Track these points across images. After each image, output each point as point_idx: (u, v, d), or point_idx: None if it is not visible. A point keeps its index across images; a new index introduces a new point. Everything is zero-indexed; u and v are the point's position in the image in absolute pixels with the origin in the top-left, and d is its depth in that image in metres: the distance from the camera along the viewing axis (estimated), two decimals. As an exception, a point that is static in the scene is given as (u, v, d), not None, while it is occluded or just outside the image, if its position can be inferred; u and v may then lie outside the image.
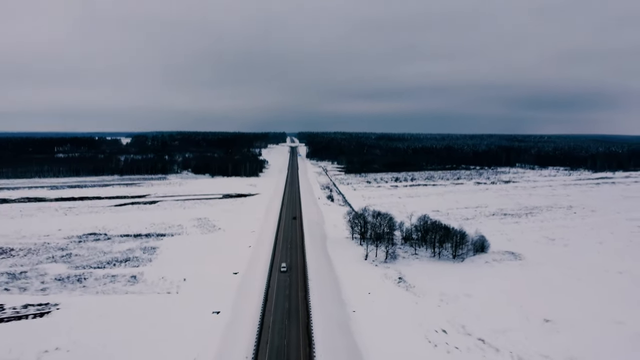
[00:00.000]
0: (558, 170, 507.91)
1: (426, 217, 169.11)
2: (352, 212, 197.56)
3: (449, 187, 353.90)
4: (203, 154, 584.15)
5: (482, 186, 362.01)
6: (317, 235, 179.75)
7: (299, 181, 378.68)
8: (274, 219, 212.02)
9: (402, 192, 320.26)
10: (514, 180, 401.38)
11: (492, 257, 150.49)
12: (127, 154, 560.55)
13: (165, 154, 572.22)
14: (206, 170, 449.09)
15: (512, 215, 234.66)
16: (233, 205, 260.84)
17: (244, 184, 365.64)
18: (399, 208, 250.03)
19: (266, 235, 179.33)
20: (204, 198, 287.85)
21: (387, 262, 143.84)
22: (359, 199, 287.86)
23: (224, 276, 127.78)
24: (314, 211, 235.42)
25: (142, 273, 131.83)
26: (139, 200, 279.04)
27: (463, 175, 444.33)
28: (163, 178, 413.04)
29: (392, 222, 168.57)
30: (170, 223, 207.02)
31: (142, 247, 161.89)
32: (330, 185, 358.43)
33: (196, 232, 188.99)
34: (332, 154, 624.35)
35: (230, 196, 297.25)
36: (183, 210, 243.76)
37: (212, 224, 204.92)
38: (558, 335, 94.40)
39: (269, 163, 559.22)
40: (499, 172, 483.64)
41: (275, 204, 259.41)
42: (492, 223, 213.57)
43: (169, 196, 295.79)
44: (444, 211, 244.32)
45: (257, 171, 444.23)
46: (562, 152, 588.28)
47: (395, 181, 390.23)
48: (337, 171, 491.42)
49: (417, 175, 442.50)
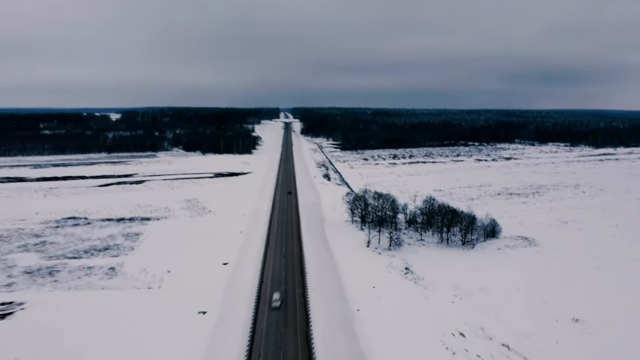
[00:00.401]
0: (559, 147, 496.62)
1: (432, 199, 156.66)
2: (351, 194, 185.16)
3: (449, 165, 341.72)
4: (194, 130, 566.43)
5: (483, 163, 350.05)
6: (315, 219, 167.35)
7: (293, 159, 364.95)
8: (267, 200, 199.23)
9: (401, 170, 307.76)
10: (515, 157, 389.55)
11: (504, 243, 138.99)
12: (116, 131, 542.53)
13: (156, 130, 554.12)
14: (197, 147, 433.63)
15: (519, 194, 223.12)
16: (224, 185, 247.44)
17: (236, 162, 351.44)
18: (399, 188, 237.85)
19: (259, 219, 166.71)
20: (194, 177, 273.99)
21: (392, 249, 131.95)
22: (356, 177, 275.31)
23: (213, 268, 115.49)
24: (310, 191, 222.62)
25: (121, 264, 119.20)
26: (125, 180, 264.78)
27: (462, 152, 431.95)
28: (152, 156, 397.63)
29: (395, 205, 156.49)
30: (157, 205, 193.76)
31: (125, 233, 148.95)
32: (326, 163, 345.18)
33: (184, 216, 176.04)
34: (328, 130, 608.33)
35: (222, 175, 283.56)
36: (171, 190, 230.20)
37: (201, 206, 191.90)
38: (590, 337, 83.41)
39: (263, 140, 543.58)
40: (499, 149, 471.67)
41: (269, 183, 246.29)
42: (498, 204, 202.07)
43: (157, 175, 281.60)
44: (447, 191, 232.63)
45: (250, 148, 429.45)
46: (562, 127, 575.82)
47: (393, 158, 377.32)
48: (332, 148, 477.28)
49: (415, 152, 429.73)
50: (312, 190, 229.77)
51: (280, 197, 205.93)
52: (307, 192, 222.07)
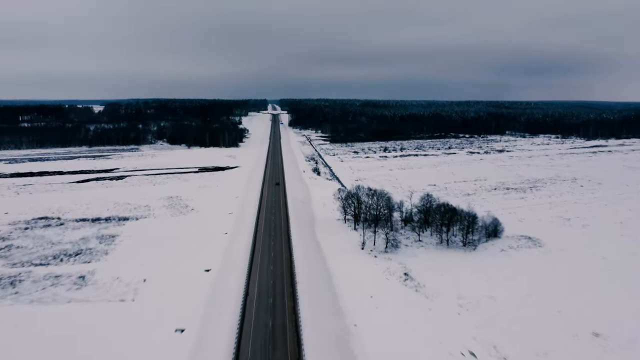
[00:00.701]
0: (550, 138, 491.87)
1: (429, 196, 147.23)
2: (343, 190, 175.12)
3: (441, 158, 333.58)
4: (180, 123, 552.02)
5: (475, 156, 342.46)
6: (305, 218, 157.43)
7: (281, 152, 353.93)
8: (254, 197, 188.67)
9: (393, 164, 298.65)
10: (507, 150, 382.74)
11: (507, 244, 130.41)
12: (98, 123, 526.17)
13: (139, 122, 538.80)
14: (182, 140, 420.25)
15: (516, 189, 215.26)
16: (209, 180, 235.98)
17: (222, 155, 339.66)
18: (392, 182, 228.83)
19: (246, 218, 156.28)
20: (178, 172, 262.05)
21: (388, 251, 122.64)
22: (347, 171, 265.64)
23: (194, 275, 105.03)
24: (299, 187, 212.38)
25: (93, 272, 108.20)
26: (105, 175, 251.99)
27: (454, 144, 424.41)
28: (135, 149, 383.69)
29: (391, 203, 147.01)
30: (137, 203, 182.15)
31: (99, 236, 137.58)
32: (316, 157, 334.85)
33: (165, 215, 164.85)
34: (316, 122, 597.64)
35: (207, 170, 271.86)
36: (153, 187, 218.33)
37: (184, 204, 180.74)
38: (614, 355, 74.88)
39: (250, 132, 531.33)
40: (490, 141, 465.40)
41: (256, 178, 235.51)
42: (496, 199, 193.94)
43: (139, 170, 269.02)
44: (441, 185, 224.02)
45: (236, 141, 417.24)
46: (552, 119, 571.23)
47: (384, 151, 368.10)
48: (321, 140, 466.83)
49: (406, 145, 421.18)
50: (301, 185, 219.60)
51: (268, 194, 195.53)
52: (296, 187, 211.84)
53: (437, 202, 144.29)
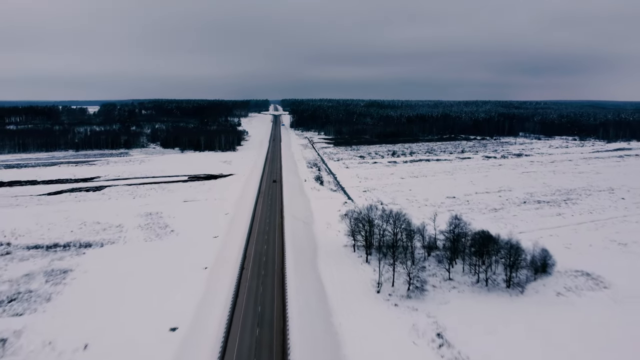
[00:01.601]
0: (567, 141, 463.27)
1: (457, 219, 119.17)
2: (350, 206, 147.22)
3: (455, 163, 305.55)
4: (176, 125, 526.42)
5: (492, 161, 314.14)
6: (304, 245, 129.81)
7: (281, 157, 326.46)
8: (246, 215, 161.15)
9: (404, 170, 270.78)
10: (525, 153, 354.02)
11: (562, 283, 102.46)
12: (90, 125, 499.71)
13: (133, 124, 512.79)
14: (176, 143, 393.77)
15: (548, 202, 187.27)
16: (198, 191, 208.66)
17: (217, 161, 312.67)
18: (405, 194, 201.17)
19: (232, 245, 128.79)
20: (165, 182, 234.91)
21: (412, 296, 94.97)
22: (353, 180, 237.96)
23: (155, 337, 77.72)
24: (299, 201, 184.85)
25: (20, 332, 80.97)
26: (82, 185, 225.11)
27: (466, 148, 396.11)
28: (124, 154, 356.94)
29: (410, 227, 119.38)
30: (109, 222, 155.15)
31: (49, 271, 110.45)
32: (318, 162, 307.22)
33: (138, 239, 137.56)
34: (319, 123, 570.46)
35: (198, 178, 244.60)
36: (132, 200, 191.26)
37: (163, 223, 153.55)
38: None
39: (249, 134, 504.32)
40: (504, 143, 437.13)
41: (250, 189, 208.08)
42: (529, 216, 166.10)
43: (122, 179, 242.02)
44: (462, 198, 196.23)
45: (234, 144, 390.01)
46: (568, 119, 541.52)
47: (392, 155, 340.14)
48: (324, 143, 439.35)
49: (415, 148, 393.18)
50: (301, 198, 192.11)
51: (263, 210, 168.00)
52: (296, 201, 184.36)
53: (467, 226, 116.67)
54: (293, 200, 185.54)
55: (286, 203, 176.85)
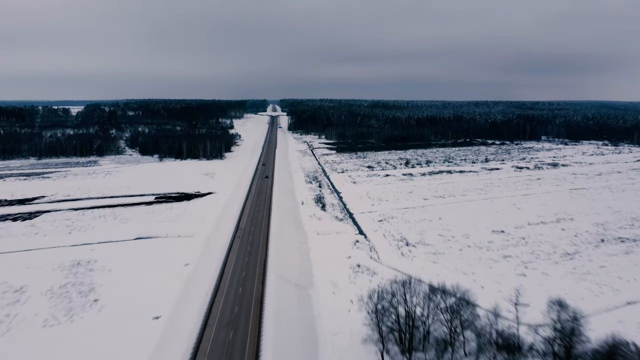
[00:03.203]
0: (598, 146, 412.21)
1: (576, 320, 67.52)
2: (375, 294, 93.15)
3: (483, 176, 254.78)
4: (161, 127, 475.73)
5: (526, 173, 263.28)
6: (297, 340, 78.76)
7: (274, 168, 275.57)
8: (213, 269, 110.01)
9: (424, 187, 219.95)
10: (562, 163, 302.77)
11: None
12: (64, 128, 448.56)
13: (113, 127, 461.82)
14: (156, 150, 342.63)
15: (635, 240, 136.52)
16: (160, 221, 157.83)
17: (198, 172, 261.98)
18: (435, 227, 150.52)
19: (178, 340, 77.82)
20: (124, 203, 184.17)
21: None
22: (364, 203, 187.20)
23: None
24: (292, 243, 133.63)
25: None
26: (13, 211, 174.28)
27: (488, 155, 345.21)
28: (92, 163, 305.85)
29: (478, 329, 68.64)
30: (8, 281, 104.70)
31: None
32: (319, 175, 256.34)
33: (35, 321, 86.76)
34: (319, 126, 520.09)
35: (167, 199, 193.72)
36: (66, 236, 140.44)
37: (89, 286, 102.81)
38: None
39: (242, 138, 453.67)
40: (529, 149, 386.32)
41: (229, 219, 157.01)
42: (620, 265, 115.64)
43: (71, 200, 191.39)
44: (513, 232, 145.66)
45: (221, 151, 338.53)
46: (595, 122, 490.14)
47: (405, 165, 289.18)
48: (326, 149, 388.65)
49: (429, 155, 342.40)
50: (296, 234, 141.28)
51: (237, 264, 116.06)
52: (289, 241, 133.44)
53: (581, 323, 65.77)
54: (284, 238, 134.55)
55: (273, 248, 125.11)
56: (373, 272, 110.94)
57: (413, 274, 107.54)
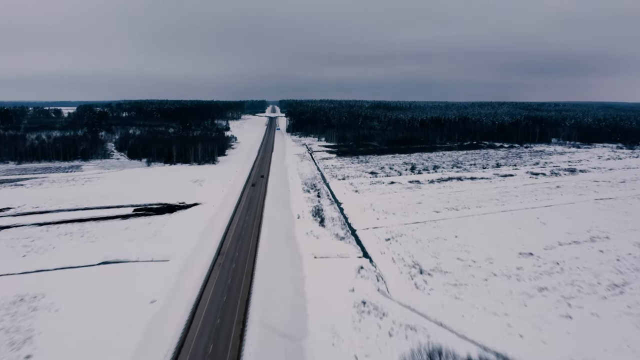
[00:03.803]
0: (613, 149, 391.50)
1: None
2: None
3: (496, 183, 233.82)
4: (154, 129, 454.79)
5: (543, 180, 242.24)
6: None
7: (269, 174, 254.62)
8: (182, 310, 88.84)
9: (434, 197, 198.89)
10: (580, 169, 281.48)
11: None
12: (51, 130, 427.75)
13: (103, 129, 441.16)
14: (144, 153, 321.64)
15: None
16: (133, 239, 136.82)
17: (186, 179, 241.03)
18: (452, 248, 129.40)
19: None
20: (96, 217, 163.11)
21: None
22: (368, 216, 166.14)
23: None
24: (284, 271, 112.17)
25: None
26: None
27: (499, 159, 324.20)
28: (75, 168, 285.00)
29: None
30: None
31: None
32: (318, 182, 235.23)
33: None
34: (319, 128, 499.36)
35: (147, 211, 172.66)
36: (20, 259, 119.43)
37: (25, 332, 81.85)
38: None
39: (238, 140, 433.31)
40: (540, 153, 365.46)
41: (212, 238, 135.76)
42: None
43: (38, 213, 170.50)
44: (542, 254, 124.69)
45: (214, 155, 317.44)
46: (608, 124, 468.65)
47: (411, 171, 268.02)
48: (326, 152, 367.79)
49: (436, 159, 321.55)
50: (290, 258, 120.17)
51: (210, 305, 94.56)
52: (280, 268, 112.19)
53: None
54: (274, 264, 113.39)
55: (260, 279, 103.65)
56: (382, 312, 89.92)
57: (431, 315, 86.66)
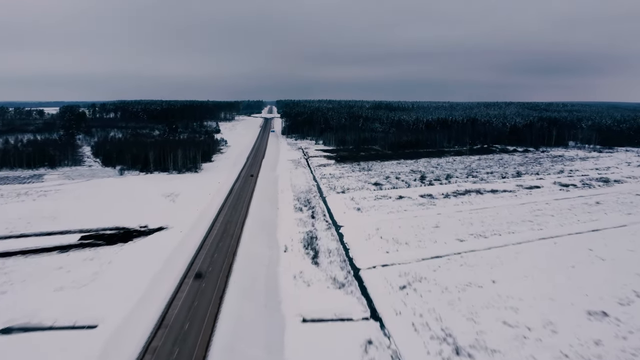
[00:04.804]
0: (638, 154, 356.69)
1: None
2: None
3: (523, 197, 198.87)
4: (138, 132, 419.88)
5: (575, 193, 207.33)
6: None
7: (255, 187, 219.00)
8: None
9: (454, 218, 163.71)
10: (614, 179, 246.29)
11: None
12: (24, 133, 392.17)
13: (81, 132, 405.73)
14: (119, 160, 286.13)
15: None
16: (61, 288, 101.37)
17: (158, 193, 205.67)
18: (492, 303, 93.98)
19: None
20: (25, 250, 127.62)
21: None
22: (375, 249, 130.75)
23: None
24: (256, 350, 76.82)
25: None
26: None
27: (517, 166, 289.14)
28: (36, 178, 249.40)
29: None
30: None
31: None
32: (313, 197, 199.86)
33: None
34: (317, 130, 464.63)
35: (97, 240, 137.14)
36: None
37: None
38: None
39: (228, 144, 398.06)
40: (560, 158, 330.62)
41: (164, 289, 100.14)
42: None
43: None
44: (619, 314, 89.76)
45: (197, 162, 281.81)
46: (628, 125, 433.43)
47: (421, 182, 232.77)
48: (323, 157, 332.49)
49: (446, 166, 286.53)
50: (264, 327, 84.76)
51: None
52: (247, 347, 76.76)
53: None
54: (243, 341, 77.78)
55: None
56: None
57: None
